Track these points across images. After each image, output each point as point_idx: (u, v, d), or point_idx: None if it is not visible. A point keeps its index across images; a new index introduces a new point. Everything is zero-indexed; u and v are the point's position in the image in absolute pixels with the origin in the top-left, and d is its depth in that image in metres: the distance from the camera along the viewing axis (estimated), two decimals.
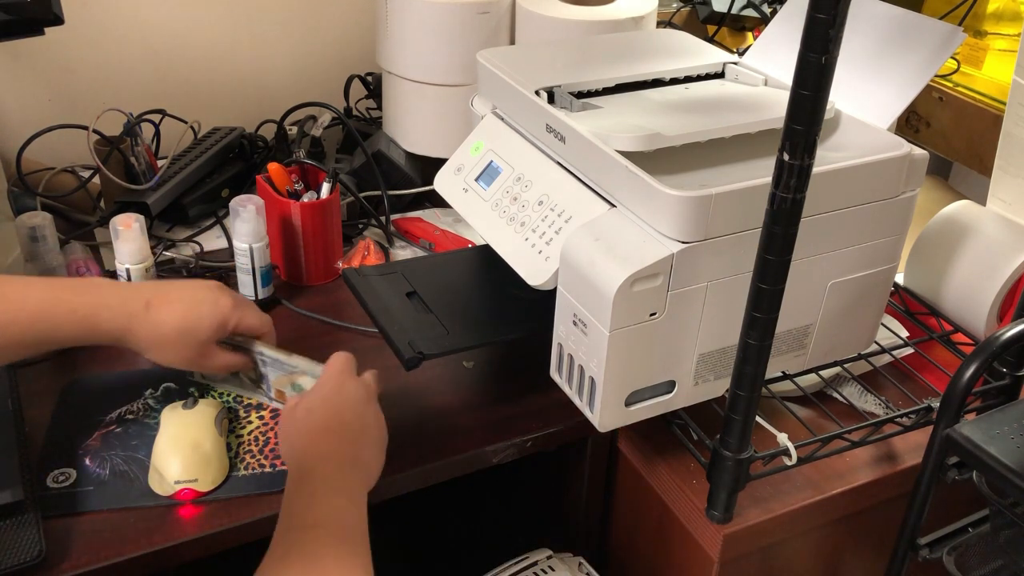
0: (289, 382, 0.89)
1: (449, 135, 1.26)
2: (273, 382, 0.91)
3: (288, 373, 0.89)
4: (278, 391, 0.91)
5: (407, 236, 1.25)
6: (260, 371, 0.91)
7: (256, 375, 0.92)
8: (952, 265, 1.02)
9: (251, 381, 0.93)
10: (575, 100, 0.90)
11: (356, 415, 0.78)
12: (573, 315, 0.80)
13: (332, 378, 0.80)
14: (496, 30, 1.23)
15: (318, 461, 0.73)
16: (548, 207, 0.85)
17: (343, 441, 0.75)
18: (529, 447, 0.93)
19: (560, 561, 0.99)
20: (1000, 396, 0.92)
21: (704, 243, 0.75)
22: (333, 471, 0.72)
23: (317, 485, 0.70)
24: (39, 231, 1.04)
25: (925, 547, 0.84)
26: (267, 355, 0.90)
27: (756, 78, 0.98)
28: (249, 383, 0.94)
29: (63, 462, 0.85)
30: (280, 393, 0.91)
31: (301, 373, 0.88)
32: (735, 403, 0.75)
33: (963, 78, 1.36)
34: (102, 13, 1.32)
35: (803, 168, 0.64)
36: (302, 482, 0.71)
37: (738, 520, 0.84)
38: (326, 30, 1.47)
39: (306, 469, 0.72)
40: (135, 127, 1.20)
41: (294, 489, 0.71)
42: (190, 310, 0.83)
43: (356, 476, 0.73)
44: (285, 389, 0.90)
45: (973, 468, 0.78)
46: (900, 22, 0.91)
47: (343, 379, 0.80)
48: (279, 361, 0.89)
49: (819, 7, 0.59)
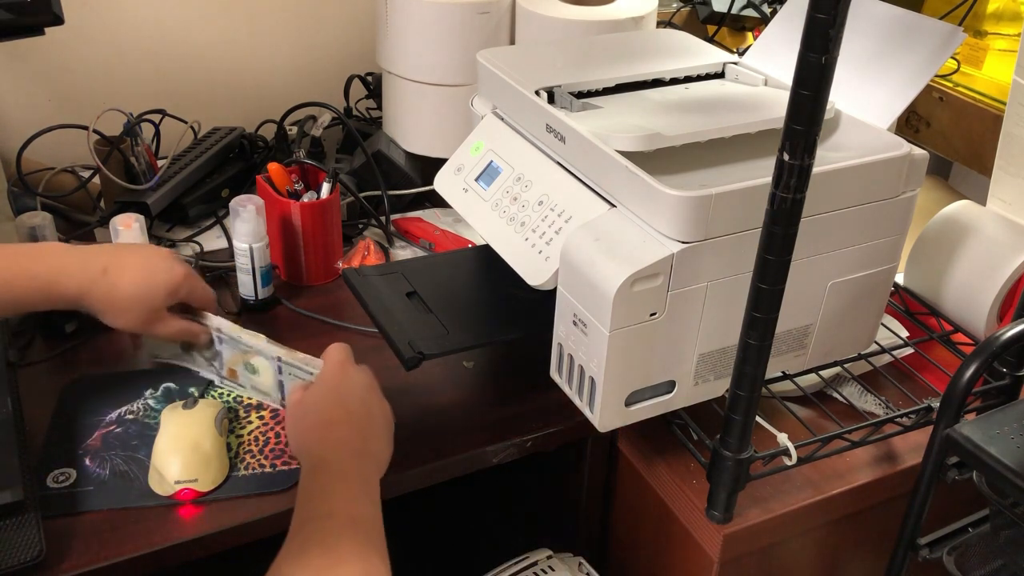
0: (242, 360, 0.90)
1: (449, 135, 1.26)
2: (227, 360, 0.92)
3: (242, 352, 0.90)
4: (230, 369, 0.92)
5: (407, 236, 1.25)
6: (215, 349, 0.92)
7: (210, 353, 0.93)
8: (952, 265, 1.02)
9: (204, 360, 0.94)
10: (575, 100, 0.90)
11: (361, 404, 0.79)
12: (573, 315, 0.80)
13: (334, 369, 0.81)
14: (496, 30, 1.23)
15: (329, 453, 0.73)
16: (548, 207, 0.85)
17: (351, 431, 0.76)
18: (529, 447, 0.93)
19: (560, 561, 0.99)
20: (1000, 396, 0.92)
21: (704, 243, 0.75)
22: (344, 461, 0.73)
23: (329, 476, 0.71)
24: (39, 231, 1.04)
25: (925, 547, 0.84)
26: (224, 332, 0.91)
27: (756, 78, 0.98)
28: (203, 361, 0.94)
29: (63, 462, 0.85)
30: (232, 372, 0.92)
31: (255, 353, 0.89)
32: (735, 403, 0.75)
33: (963, 78, 1.36)
34: (102, 13, 1.32)
35: (803, 168, 0.64)
36: (315, 475, 0.72)
37: (738, 520, 0.84)
38: (326, 30, 1.47)
39: (317, 462, 0.73)
40: (135, 127, 1.20)
41: (307, 482, 0.72)
42: (146, 276, 0.87)
43: (367, 465, 0.74)
44: (237, 368, 0.91)
45: (973, 468, 0.78)
46: (900, 22, 0.91)
47: (344, 369, 0.81)
48: (234, 339, 0.90)
49: (819, 7, 0.59)
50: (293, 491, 0.84)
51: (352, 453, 0.74)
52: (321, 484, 0.71)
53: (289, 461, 0.87)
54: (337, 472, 0.72)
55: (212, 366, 0.94)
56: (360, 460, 0.74)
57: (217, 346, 0.92)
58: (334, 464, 0.72)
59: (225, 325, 0.91)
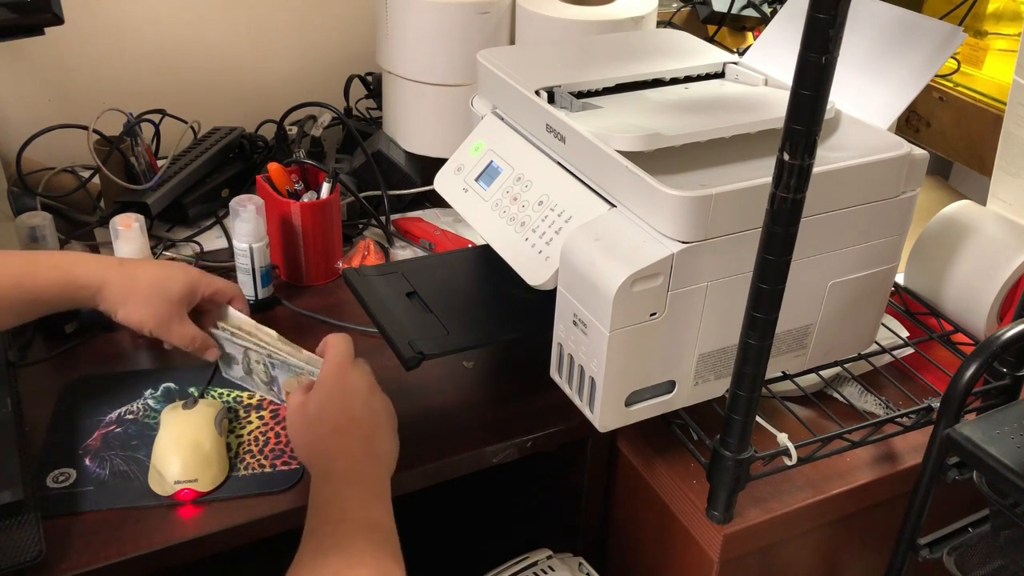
0: (297, 383, 0.90)
1: (449, 135, 1.26)
2: (283, 383, 0.91)
3: (295, 375, 0.90)
4: (287, 393, 0.92)
5: (407, 236, 1.25)
6: (271, 373, 0.92)
7: (268, 378, 0.93)
8: (952, 265, 1.02)
9: (263, 384, 0.94)
10: (575, 100, 0.90)
11: (365, 407, 0.79)
12: (573, 315, 0.80)
13: (334, 372, 0.80)
14: (496, 30, 1.23)
15: (338, 461, 0.74)
16: (548, 207, 0.85)
17: (358, 437, 0.76)
18: (529, 447, 0.93)
19: (560, 561, 0.99)
20: (1000, 396, 0.92)
21: (704, 243, 0.75)
22: (353, 467, 0.73)
23: (340, 483, 0.72)
24: (39, 231, 1.04)
25: (925, 547, 0.84)
26: (276, 358, 0.90)
27: (756, 78, 0.98)
28: (262, 385, 0.94)
29: (63, 462, 0.85)
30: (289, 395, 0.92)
31: (308, 375, 0.88)
32: (735, 403, 0.75)
33: (963, 78, 1.36)
34: (102, 13, 1.32)
35: (803, 168, 0.64)
36: (325, 482, 0.72)
37: (738, 520, 0.84)
38: (326, 30, 1.47)
39: (326, 470, 0.73)
40: (135, 127, 1.20)
41: (318, 489, 0.72)
42: (162, 269, 0.90)
43: (375, 468, 0.75)
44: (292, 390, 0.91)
45: (973, 468, 0.78)
46: (900, 22, 0.91)
47: (344, 372, 0.80)
48: (287, 364, 0.90)
49: (819, 7, 0.59)
50: (293, 491, 0.84)
51: (361, 458, 0.74)
52: (333, 491, 0.71)
53: (289, 461, 0.87)
54: (347, 478, 0.72)
55: (272, 391, 0.93)
56: (369, 464, 0.74)
57: (272, 371, 0.91)
58: (344, 471, 0.73)
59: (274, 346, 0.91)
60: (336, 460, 0.74)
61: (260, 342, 0.92)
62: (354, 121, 1.40)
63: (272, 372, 0.91)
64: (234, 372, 0.96)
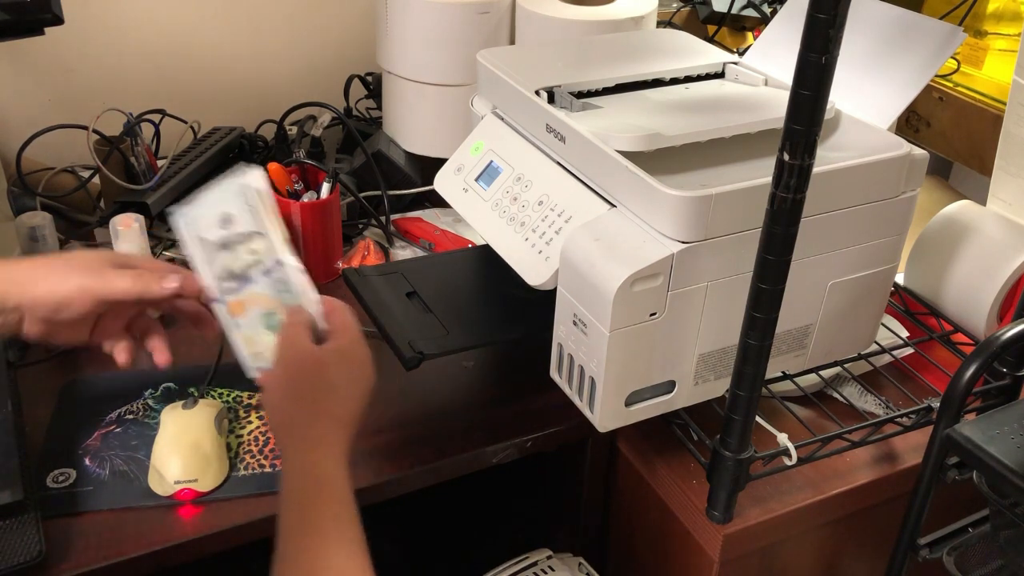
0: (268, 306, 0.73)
1: (449, 135, 1.26)
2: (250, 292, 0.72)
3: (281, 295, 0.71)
4: (237, 302, 0.73)
5: (407, 236, 1.25)
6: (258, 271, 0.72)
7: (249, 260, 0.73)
8: (952, 265, 1.02)
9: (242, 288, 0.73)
10: (575, 100, 0.90)
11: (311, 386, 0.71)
12: (573, 315, 0.80)
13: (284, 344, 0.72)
14: (496, 30, 1.23)
15: (281, 431, 0.71)
16: (548, 207, 0.85)
17: (301, 405, 0.70)
18: (529, 447, 0.93)
19: (560, 561, 0.99)
20: (1000, 396, 0.92)
21: (704, 243, 0.75)
22: (300, 433, 0.70)
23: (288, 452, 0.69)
24: (39, 231, 1.04)
25: (925, 547, 0.84)
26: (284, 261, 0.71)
27: (756, 78, 0.98)
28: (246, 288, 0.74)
29: (63, 462, 0.85)
30: (238, 306, 0.73)
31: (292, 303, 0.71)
32: (735, 403, 0.75)
33: (963, 78, 1.36)
34: (102, 13, 1.32)
35: (803, 168, 0.64)
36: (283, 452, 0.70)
37: (738, 520, 0.84)
38: (326, 30, 1.47)
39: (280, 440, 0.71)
40: (135, 127, 1.19)
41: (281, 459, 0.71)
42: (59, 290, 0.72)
43: (323, 429, 0.70)
44: (252, 310, 0.73)
45: (973, 468, 0.78)
46: (900, 22, 0.91)
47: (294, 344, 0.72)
48: (285, 282, 0.71)
49: (819, 7, 0.59)
50: None
51: (306, 422, 0.70)
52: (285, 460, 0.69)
53: None
54: (292, 449, 0.69)
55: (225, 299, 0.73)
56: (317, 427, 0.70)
57: (256, 271, 0.72)
58: (286, 442, 0.70)
59: (289, 260, 0.72)
60: (281, 430, 0.71)
61: (283, 240, 0.73)
62: (354, 121, 1.40)
63: (252, 273, 0.73)
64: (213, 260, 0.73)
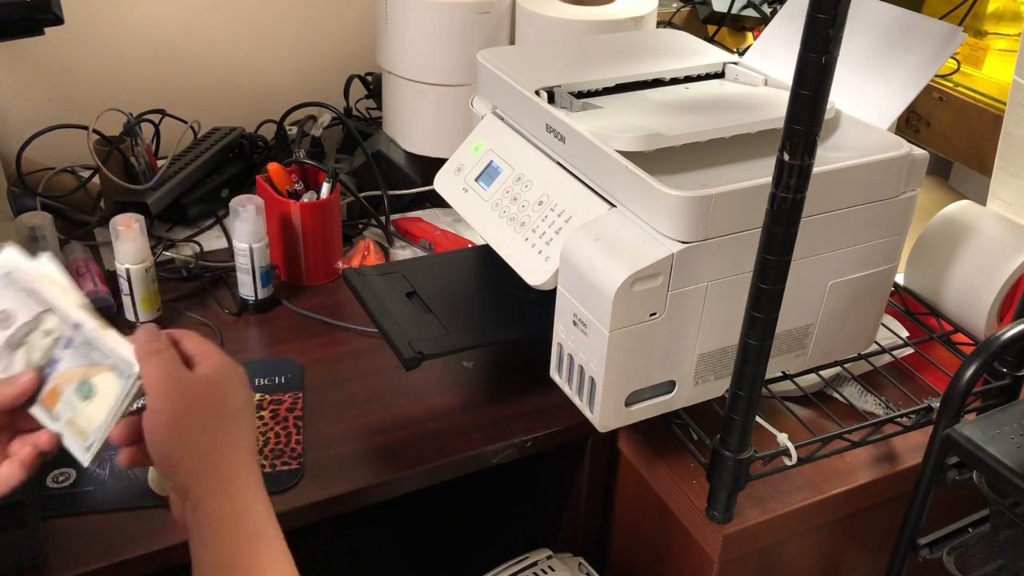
0: (80, 377, 0.64)
1: (449, 135, 1.26)
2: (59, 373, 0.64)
3: (91, 364, 0.63)
4: (52, 390, 0.64)
5: (407, 236, 1.25)
6: (52, 355, 0.64)
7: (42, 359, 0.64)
8: (952, 265, 1.02)
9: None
10: (575, 100, 0.90)
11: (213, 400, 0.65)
12: (573, 315, 0.80)
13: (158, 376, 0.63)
14: (496, 30, 1.23)
15: (185, 470, 0.64)
16: (548, 207, 0.85)
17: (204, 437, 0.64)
18: (529, 447, 0.93)
19: (560, 561, 0.99)
20: (1000, 396, 0.92)
21: (704, 243, 0.75)
22: (211, 470, 0.64)
23: (203, 496, 0.64)
24: (39, 231, 1.04)
25: (925, 547, 0.84)
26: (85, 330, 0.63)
27: (756, 78, 0.98)
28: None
29: (63, 462, 0.85)
30: (53, 395, 0.64)
31: (107, 368, 0.63)
32: (735, 403, 0.75)
33: (963, 78, 1.36)
34: (102, 13, 1.32)
35: (803, 168, 0.64)
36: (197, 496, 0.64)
37: (738, 520, 0.84)
38: (326, 30, 1.47)
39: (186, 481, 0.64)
40: (135, 127, 1.19)
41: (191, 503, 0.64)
42: None
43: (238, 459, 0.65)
44: (65, 389, 0.64)
45: (973, 468, 0.78)
46: (900, 22, 0.91)
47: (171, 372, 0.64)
48: (90, 343, 0.63)
49: (819, 7, 0.59)
50: (293, 491, 0.84)
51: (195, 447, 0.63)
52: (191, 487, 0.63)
53: (289, 461, 0.87)
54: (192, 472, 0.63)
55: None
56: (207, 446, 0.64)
57: (57, 349, 0.64)
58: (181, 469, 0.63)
59: (86, 321, 0.64)
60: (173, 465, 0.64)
61: (76, 304, 0.64)
62: (354, 121, 1.40)
63: (55, 353, 0.64)
64: None
